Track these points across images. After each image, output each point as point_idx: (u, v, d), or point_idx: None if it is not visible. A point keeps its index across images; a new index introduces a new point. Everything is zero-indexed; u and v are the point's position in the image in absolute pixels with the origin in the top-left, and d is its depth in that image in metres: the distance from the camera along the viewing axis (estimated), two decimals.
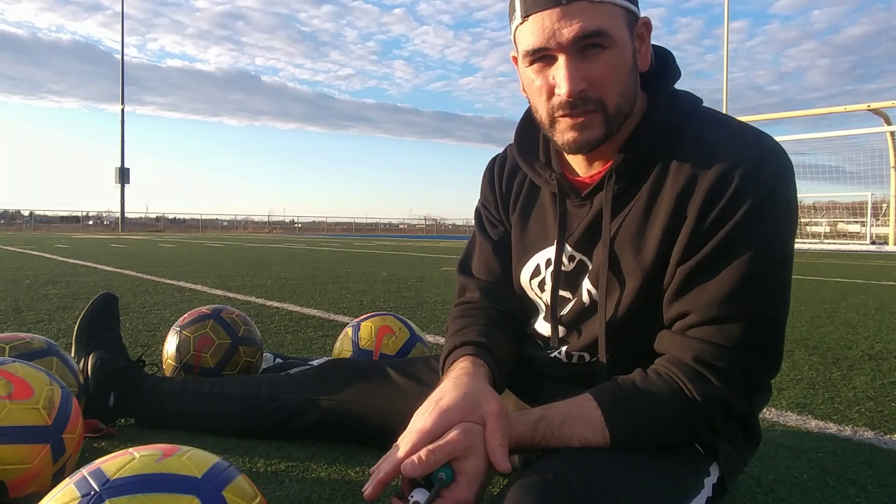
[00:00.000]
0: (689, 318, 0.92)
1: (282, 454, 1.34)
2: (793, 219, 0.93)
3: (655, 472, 0.88)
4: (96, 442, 1.40)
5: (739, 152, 0.91)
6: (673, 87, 1.01)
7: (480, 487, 0.83)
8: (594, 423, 0.88)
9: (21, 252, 10.02)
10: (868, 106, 18.14)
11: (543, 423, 0.88)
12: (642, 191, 0.97)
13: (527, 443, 0.88)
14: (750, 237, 0.89)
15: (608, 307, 1.01)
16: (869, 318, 3.60)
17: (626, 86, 0.93)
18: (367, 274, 6.35)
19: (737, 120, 0.99)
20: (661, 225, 0.94)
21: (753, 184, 0.89)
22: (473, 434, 0.84)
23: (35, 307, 3.54)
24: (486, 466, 0.83)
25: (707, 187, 0.91)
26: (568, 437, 0.88)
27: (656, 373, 0.93)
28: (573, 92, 0.89)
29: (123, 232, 32.90)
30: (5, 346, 1.41)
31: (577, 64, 0.89)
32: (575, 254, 1.05)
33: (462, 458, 0.82)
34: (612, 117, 0.93)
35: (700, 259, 0.91)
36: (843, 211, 22.94)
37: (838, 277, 6.72)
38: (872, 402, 1.85)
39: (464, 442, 0.82)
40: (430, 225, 54.94)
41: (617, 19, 0.90)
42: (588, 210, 1.03)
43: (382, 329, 1.83)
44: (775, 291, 0.92)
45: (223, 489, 0.72)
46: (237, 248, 12.75)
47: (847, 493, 1.20)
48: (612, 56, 0.90)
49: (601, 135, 0.93)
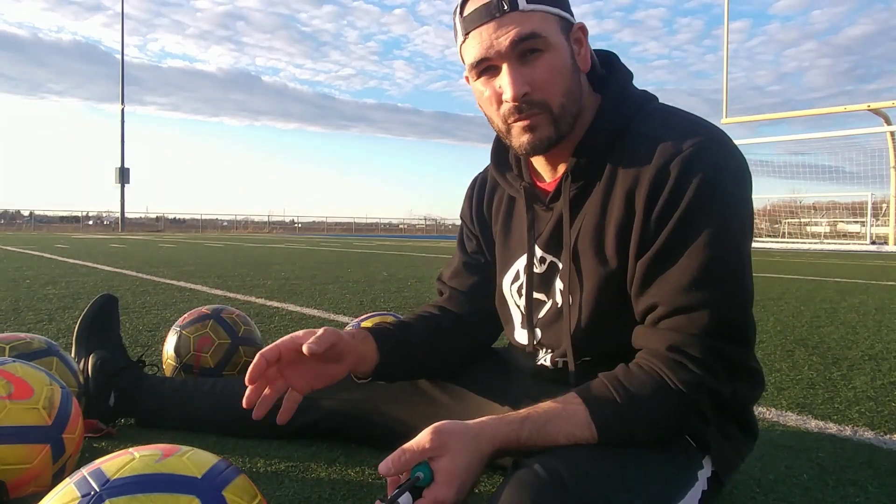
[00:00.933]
0: (658, 311, 0.94)
1: (282, 454, 1.34)
2: (738, 203, 0.94)
3: (647, 466, 0.88)
4: (96, 442, 1.40)
5: (678, 143, 0.93)
6: (623, 86, 1.04)
7: (461, 487, 0.82)
8: (580, 420, 0.88)
9: (21, 252, 10.03)
10: (868, 106, 18.15)
11: (528, 422, 0.88)
12: (596, 191, 1.01)
13: (513, 443, 0.87)
14: (699, 223, 0.91)
15: (573, 309, 1.04)
16: (869, 318, 3.60)
17: (569, 86, 0.98)
18: (367, 274, 6.35)
19: (685, 113, 1.01)
20: (616, 223, 0.98)
21: (692, 171, 0.91)
22: (446, 433, 0.84)
23: (35, 307, 3.54)
24: (464, 465, 0.83)
25: (649, 180, 0.94)
26: (554, 436, 0.87)
27: (638, 366, 0.94)
28: (517, 95, 0.94)
29: (123, 232, 32.92)
30: (5, 346, 1.41)
31: (518, 69, 0.95)
32: (546, 256, 1.09)
33: (437, 458, 0.83)
34: (558, 117, 0.98)
35: (656, 251, 0.94)
36: (843, 211, 22.97)
37: (838, 277, 6.72)
38: (872, 402, 1.85)
39: (435, 441, 0.83)
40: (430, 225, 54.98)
41: (550, 25, 0.95)
42: (552, 214, 1.07)
43: None
44: (734, 273, 0.93)
45: (223, 489, 0.72)
46: (237, 248, 12.75)
47: (847, 493, 1.20)
48: (551, 58, 0.95)
49: (552, 135, 0.98)
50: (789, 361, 2.41)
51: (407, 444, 0.84)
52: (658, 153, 0.94)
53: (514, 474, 0.81)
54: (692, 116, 1.00)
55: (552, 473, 0.80)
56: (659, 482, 0.88)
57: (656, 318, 0.95)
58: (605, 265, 0.99)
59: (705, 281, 0.91)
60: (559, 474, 0.80)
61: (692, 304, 0.91)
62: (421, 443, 0.83)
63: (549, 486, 0.78)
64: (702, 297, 0.91)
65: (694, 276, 0.91)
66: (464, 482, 0.83)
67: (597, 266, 1.00)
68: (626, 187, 0.97)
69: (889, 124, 18.80)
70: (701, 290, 0.91)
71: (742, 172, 0.96)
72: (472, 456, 0.84)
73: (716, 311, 0.91)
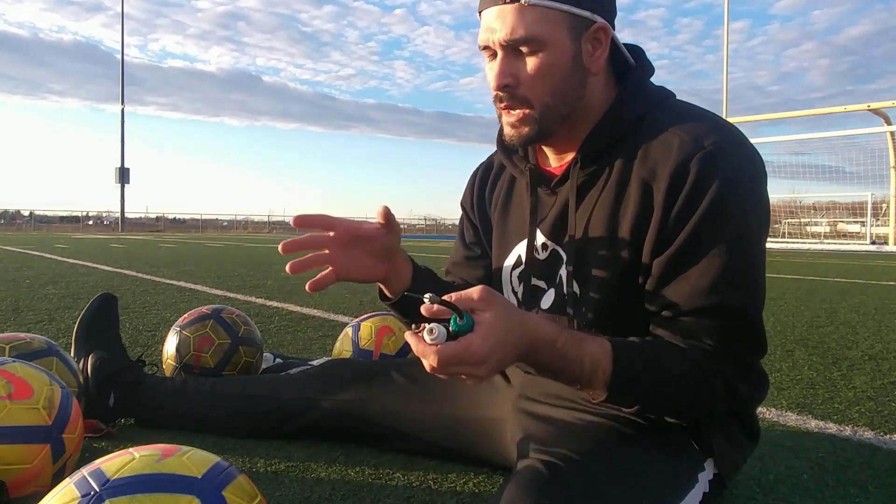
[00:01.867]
0: (674, 311, 0.94)
1: (282, 454, 1.34)
2: (757, 204, 0.94)
3: (650, 467, 0.88)
4: (96, 442, 1.40)
5: (696, 141, 0.92)
6: (642, 80, 1.03)
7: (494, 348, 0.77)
8: (605, 348, 0.87)
9: (21, 252, 10.02)
10: (868, 106, 18.14)
11: (566, 334, 0.86)
12: (610, 179, 0.99)
13: (550, 343, 0.84)
14: (720, 223, 0.91)
15: (580, 298, 1.02)
16: (869, 318, 3.60)
17: (559, 86, 0.96)
18: None
19: (704, 111, 1.00)
20: (632, 214, 0.96)
21: (713, 169, 0.90)
22: (496, 294, 0.81)
23: (35, 307, 3.54)
24: (503, 329, 0.79)
25: (669, 174, 0.92)
26: (583, 354, 0.85)
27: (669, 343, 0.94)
28: (499, 85, 0.96)
29: (123, 232, 32.91)
30: (5, 346, 1.41)
31: (510, 60, 0.95)
32: (548, 243, 1.07)
33: (481, 312, 0.79)
34: (542, 115, 0.97)
35: (675, 250, 0.93)
36: (843, 211, 22.95)
37: (838, 277, 6.72)
38: (872, 402, 1.85)
39: (484, 295, 0.80)
40: (430, 225, 54.95)
41: (553, 23, 0.93)
42: (556, 199, 1.06)
43: (382, 329, 1.83)
44: (751, 276, 0.93)
45: (223, 489, 0.72)
46: (237, 248, 12.75)
47: (847, 493, 1.20)
48: (544, 58, 0.94)
49: (532, 133, 0.99)
50: (789, 361, 2.41)
51: (456, 293, 0.80)
52: (677, 147, 0.93)
53: (517, 472, 0.81)
54: (709, 113, 0.99)
55: (555, 472, 0.80)
56: (660, 483, 0.88)
57: (671, 318, 0.94)
58: (619, 256, 0.98)
59: (723, 283, 0.90)
60: (561, 473, 0.80)
61: (711, 306, 0.91)
62: (470, 293, 0.80)
63: (552, 485, 0.78)
64: (718, 299, 0.91)
65: (714, 278, 0.91)
66: (497, 345, 0.78)
67: (609, 256, 0.99)
68: (642, 179, 0.95)
69: (889, 124, 18.78)
70: (718, 292, 0.90)
71: (760, 171, 0.95)
72: (513, 327, 0.80)
73: (734, 314, 0.91)
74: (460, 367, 0.77)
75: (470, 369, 0.77)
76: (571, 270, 1.02)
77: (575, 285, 1.03)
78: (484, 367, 0.78)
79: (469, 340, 0.76)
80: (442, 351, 0.75)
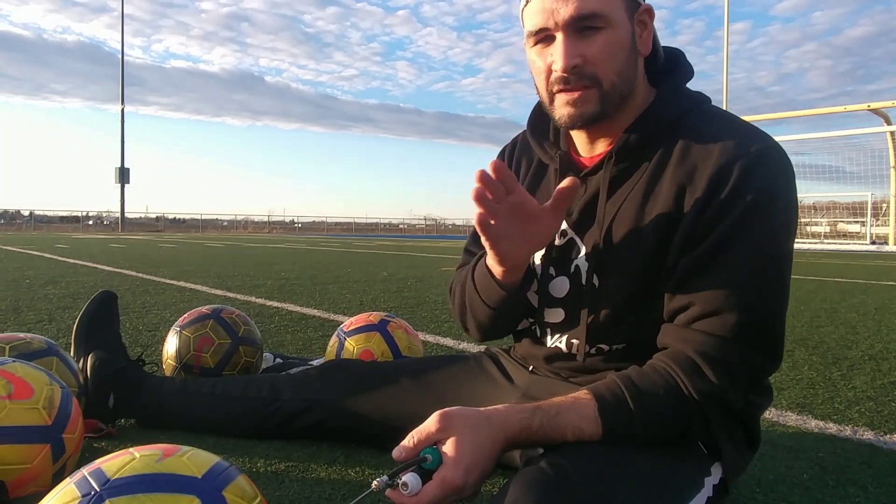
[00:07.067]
0: (692, 311, 0.93)
1: (282, 454, 1.34)
2: (792, 215, 0.95)
3: (656, 470, 0.88)
4: (96, 442, 1.40)
5: (739, 147, 0.93)
6: (681, 83, 1.04)
7: (469, 468, 0.83)
8: (588, 414, 0.89)
9: (21, 252, 10.02)
10: (868, 106, 18.13)
11: (540, 412, 0.89)
12: (642, 176, 1.00)
13: (524, 431, 0.88)
14: (751, 231, 0.91)
15: (602, 291, 1.02)
16: (869, 318, 3.60)
17: (623, 66, 0.97)
18: (367, 274, 6.35)
19: (741, 119, 1.01)
20: (660, 213, 0.97)
21: (752, 178, 0.91)
22: (452, 416, 0.85)
23: (35, 307, 3.54)
24: (470, 448, 0.83)
25: (709, 177, 0.93)
26: (563, 428, 0.88)
27: (653, 368, 0.94)
28: (567, 66, 0.94)
29: (123, 232, 32.90)
30: (5, 346, 1.41)
31: (574, 41, 0.94)
32: (567, 230, 1.07)
33: (443, 441, 0.84)
34: (607, 94, 0.97)
35: (703, 251, 0.93)
36: (843, 211, 22.93)
37: (838, 277, 6.72)
38: (872, 402, 1.85)
39: (441, 424, 0.84)
40: (431, 225, 54.95)
41: (615, 2, 0.95)
42: (584, 190, 1.06)
43: (365, 353, 1.75)
44: (777, 284, 0.93)
45: (223, 489, 0.72)
46: (237, 248, 12.75)
47: (847, 493, 1.20)
48: (609, 36, 0.94)
49: (596, 111, 0.97)
50: (789, 361, 2.41)
51: (415, 429, 0.85)
52: (719, 152, 0.93)
53: (521, 472, 0.81)
54: (748, 123, 1.00)
55: (558, 472, 0.80)
56: (665, 486, 0.88)
57: (689, 318, 0.94)
58: (643, 253, 0.98)
59: (747, 288, 0.91)
60: (565, 473, 0.80)
61: (730, 308, 0.91)
62: (427, 426, 0.85)
63: (555, 485, 0.78)
64: (741, 302, 0.91)
65: (737, 282, 0.91)
66: (471, 464, 0.83)
67: (633, 252, 0.99)
68: (678, 180, 0.96)
69: (889, 124, 18.77)
70: (741, 296, 0.91)
71: (794, 183, 0.96)
72: (482, 439, 0.84)
73: (752, 319, 0.91)
74: (446, 501, 0.82)
75: (455, 497, 0.83)
76: (593, 263, 1.02)
77: (595, 278, 1.03)
78: (468, 490, 0.84)
79: (441, 475, 0.82)
80: (420, 498, 0.81)
